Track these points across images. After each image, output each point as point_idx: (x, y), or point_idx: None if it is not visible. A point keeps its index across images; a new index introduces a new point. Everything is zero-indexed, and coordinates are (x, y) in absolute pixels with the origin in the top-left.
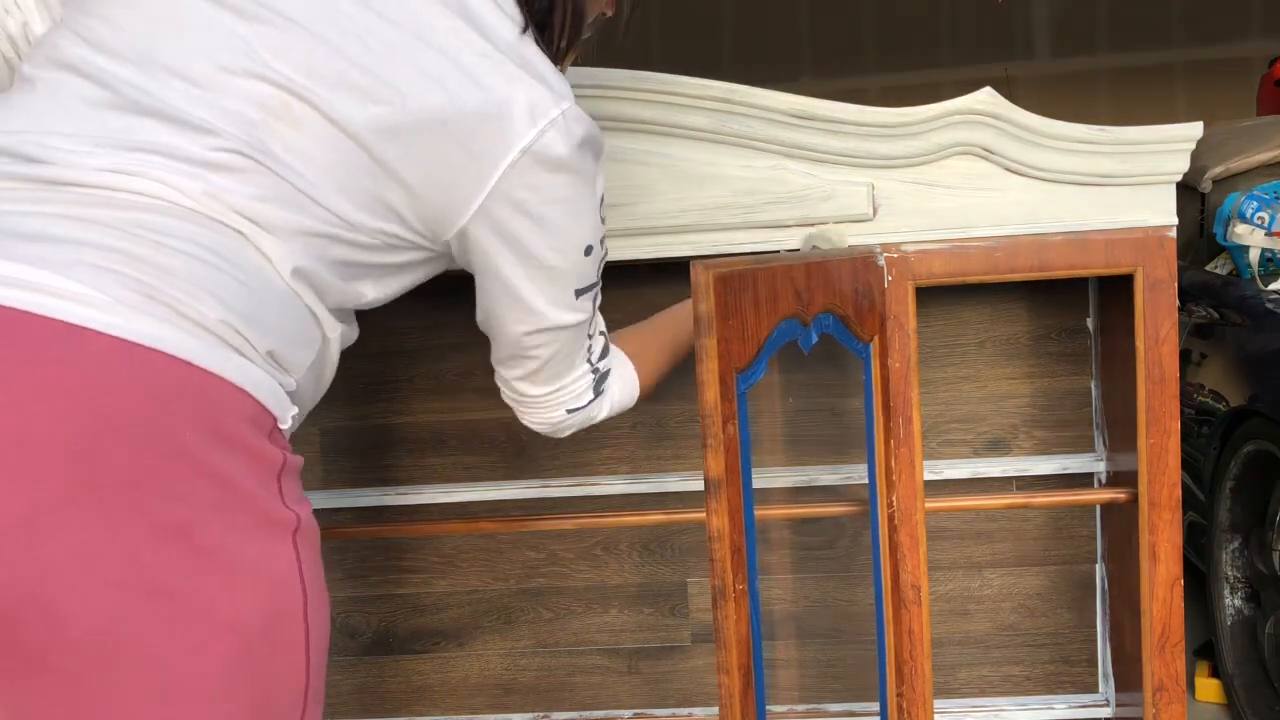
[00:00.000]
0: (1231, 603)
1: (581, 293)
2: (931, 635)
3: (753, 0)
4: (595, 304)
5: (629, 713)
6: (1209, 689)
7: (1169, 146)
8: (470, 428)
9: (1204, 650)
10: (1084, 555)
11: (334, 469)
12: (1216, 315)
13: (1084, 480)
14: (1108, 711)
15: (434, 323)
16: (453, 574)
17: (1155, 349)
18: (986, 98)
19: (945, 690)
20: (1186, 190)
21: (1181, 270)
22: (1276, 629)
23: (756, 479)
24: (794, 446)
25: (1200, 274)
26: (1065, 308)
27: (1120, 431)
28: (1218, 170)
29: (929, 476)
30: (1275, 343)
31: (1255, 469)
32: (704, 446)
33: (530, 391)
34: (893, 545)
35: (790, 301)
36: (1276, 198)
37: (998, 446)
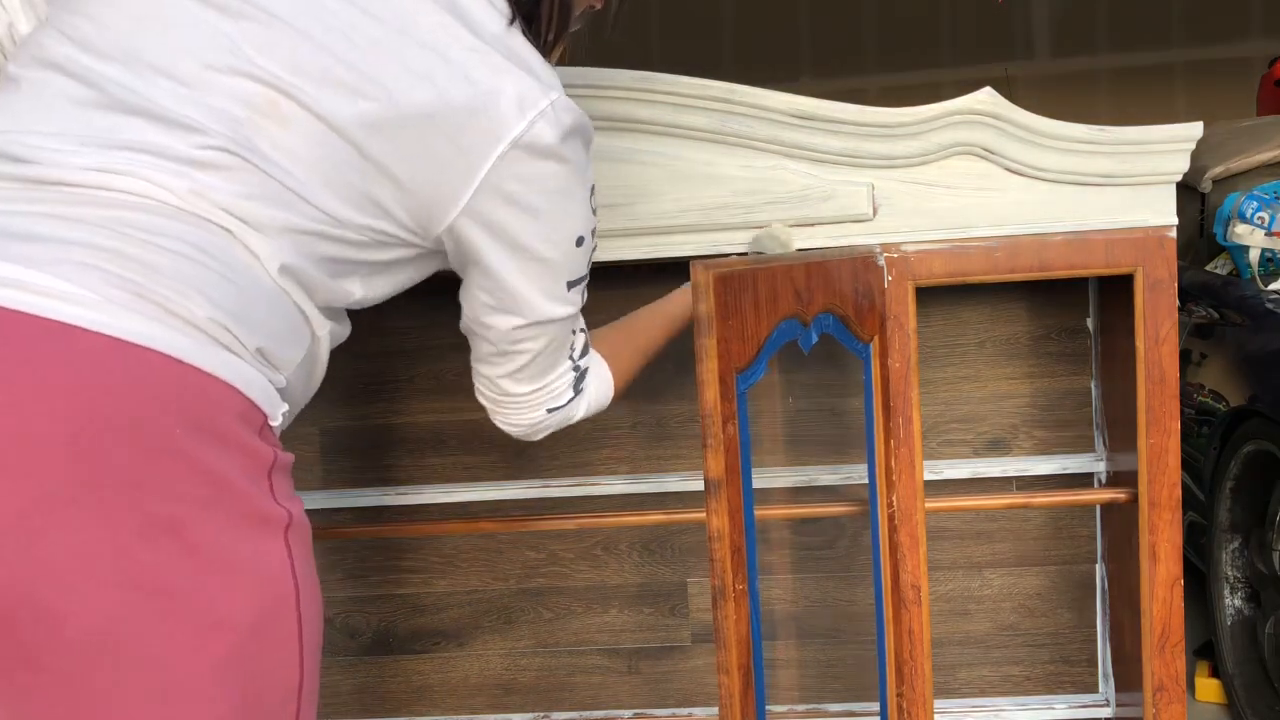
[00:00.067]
0: (1231, 603)
1: (572, 285)
2: (931, 635)
3: (753, 0)
4: (584, 297)
5: (629, 713)
6: (1209, 689)
7: (1169, 146)
8: (470, 428)
9: (1204, 650)
10: (1084, 555)
11: (334, 469)
12: (1216, 315)
13: (1084, 480)
14: (1108, 711)
15: (433, 322)
16: (453, 574)
17: (1155, 349)
18: (986, 98)
19: (945, 690)
20: (1186, 190)
21: (1181, 270)
22: (1276, 629)
23: (756, 479)
24: (794, 446)
25: (1200, 274)
26: (1065, 308)
27: (1120, 431)
28: (1218, 170)
29: (929, 476)
30: (1275, 343)
31: (1255, 469)
32: (704, 446)
33: (513, 390)
34: (893, 545)
35: (790, 301)
36: (1276, 198)
37: (998, 446)
